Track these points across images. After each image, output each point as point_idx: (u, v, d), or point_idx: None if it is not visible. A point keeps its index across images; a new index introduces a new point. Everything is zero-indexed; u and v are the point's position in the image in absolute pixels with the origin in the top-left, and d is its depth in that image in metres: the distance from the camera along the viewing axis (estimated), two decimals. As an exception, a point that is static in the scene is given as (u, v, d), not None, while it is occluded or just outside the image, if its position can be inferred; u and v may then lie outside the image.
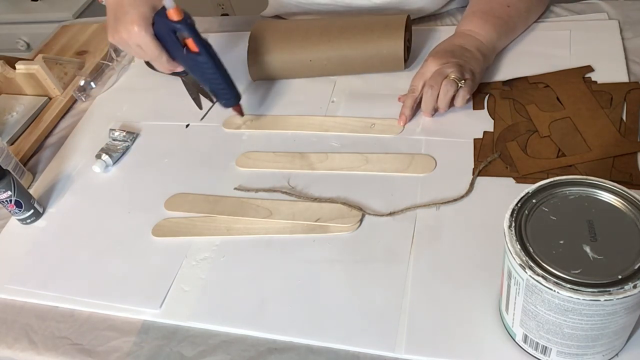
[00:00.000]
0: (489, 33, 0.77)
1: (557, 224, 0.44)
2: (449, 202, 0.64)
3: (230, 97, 0.76)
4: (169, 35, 0.70)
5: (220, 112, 0.84)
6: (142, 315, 0.61)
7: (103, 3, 0.76)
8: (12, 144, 0.87)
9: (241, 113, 0.78)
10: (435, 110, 0.74)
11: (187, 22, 0.68)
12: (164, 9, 0.68)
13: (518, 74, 0.77)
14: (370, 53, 0.80)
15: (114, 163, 0.80)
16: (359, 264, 0.61)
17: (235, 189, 0.72)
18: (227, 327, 0.59)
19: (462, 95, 0.72)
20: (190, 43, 0.70)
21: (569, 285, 0.40)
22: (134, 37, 0.69)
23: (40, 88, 0.93)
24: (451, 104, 0.73)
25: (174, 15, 0.67)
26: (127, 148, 0.82)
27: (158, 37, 0.70)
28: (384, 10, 0.91)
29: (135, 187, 0.76)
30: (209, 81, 0.74)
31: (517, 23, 0.81)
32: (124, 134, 0.82)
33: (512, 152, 0.67)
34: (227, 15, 2.03)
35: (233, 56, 0.85)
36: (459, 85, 0.70)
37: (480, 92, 0.75)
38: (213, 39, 0.82)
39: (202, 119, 0.80)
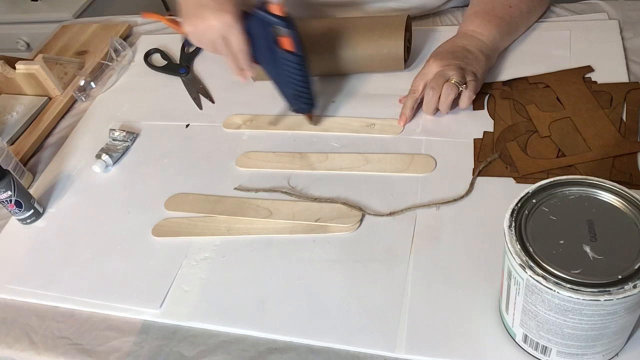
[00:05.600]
0: (492, 33, 0.77)
1: (557, 224, 0.44)
2: (449, 202, 0.64)
3: (308, 102, 0.74)
4: (262, 31, 0.68)
5: (220, 112, 0.84)
6: (142, 315, 0.61)
7: None
8: (12, 144, 0.87)
9: (311, 119, 0.77)
10: (437, 110, 0.74)
11: (291, 18, 0.67)
12: (264, 3, 0.66)
13: (518, 74, 0.77)
14: (370, 53, 0.80)
15: (114, 163, 0.80)
16: (359, 264, 0.61)
17: (235, 189, 0.72)
18: (227, 327, 0.59)
19: (468, 96, 0.72)
20: (287, 42, 0.68)
21: (569, 285, 0.40)
22: (224, 26, 0.67)
23: (40, 88, 0.93)
24: (454, 104, 0.73)
25: (277, 10, 0.66)
26: (127, 148, 0.82)
27: (247, 32, 0.69)
28: (384, 7, 0.90)
29: (135, 187, 0.76)
30: (293, 84, 0.72)
31: (519, 23, 0.81)
32: (124, 134, 0.82)
33: (512, 152, 0.67)
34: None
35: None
36: (460, 89, 0.71)
37: (481, 93, 0.75)
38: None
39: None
